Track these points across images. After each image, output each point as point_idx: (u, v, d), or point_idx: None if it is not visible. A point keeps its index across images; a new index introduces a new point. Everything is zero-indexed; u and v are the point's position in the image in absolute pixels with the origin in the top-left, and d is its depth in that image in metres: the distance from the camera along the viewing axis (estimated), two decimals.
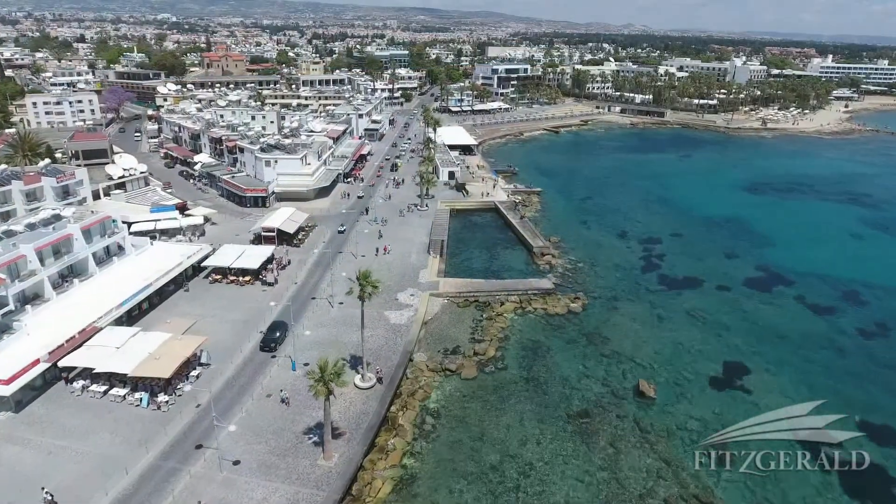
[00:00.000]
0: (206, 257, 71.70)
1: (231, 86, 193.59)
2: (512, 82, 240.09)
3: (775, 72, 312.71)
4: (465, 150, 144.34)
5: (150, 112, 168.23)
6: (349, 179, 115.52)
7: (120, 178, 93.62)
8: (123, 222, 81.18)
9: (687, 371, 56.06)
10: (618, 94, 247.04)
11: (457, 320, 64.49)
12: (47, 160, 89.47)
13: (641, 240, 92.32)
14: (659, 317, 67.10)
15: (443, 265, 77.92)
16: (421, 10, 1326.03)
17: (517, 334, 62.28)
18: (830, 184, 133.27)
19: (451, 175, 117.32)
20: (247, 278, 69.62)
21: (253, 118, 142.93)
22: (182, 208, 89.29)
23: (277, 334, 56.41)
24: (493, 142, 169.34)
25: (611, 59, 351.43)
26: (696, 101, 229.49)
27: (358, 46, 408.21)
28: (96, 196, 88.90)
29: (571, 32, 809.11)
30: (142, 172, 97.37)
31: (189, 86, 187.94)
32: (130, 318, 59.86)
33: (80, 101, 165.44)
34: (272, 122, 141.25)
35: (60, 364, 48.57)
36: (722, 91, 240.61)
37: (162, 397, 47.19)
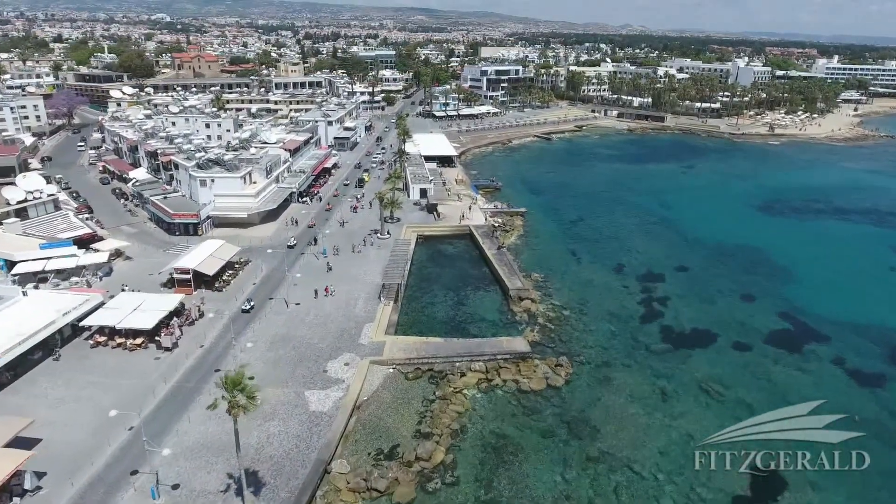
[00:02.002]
0: (93, 311, 56.96)
1: (194, 88, 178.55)
2: (502, 85, 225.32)
3: (779, 73, 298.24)
4: (445, 161, 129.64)
5: (101, 118, 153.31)
6: (305, 199, 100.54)
7: (20, 202, 78.72)
8: (8, 261, 67.18)
9: (704, 487, 41.32)
10: (615, 97, 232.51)
11: (401, 401, 49.69)
12: None
13: (640, 276, 77.56)
14: (663, 392, 52.32)
15: (395, 316, 63.08)
16: (418, 11, 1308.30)
17: (478, 424, 47.46)
18: (853, 201, 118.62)
19: (423, 193, 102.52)
20: (138, 341, 54.75)
21: (207, 126, 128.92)
22: (88, 240, 74.45)
23: None
24: (477, 150, 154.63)
25: (608, 59, 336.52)
26: (697, 104, 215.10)
27: (344, 47, 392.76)
28: None
29: (569, 33, 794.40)
30: (50, 195, 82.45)
31: (147, 89, 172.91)
32: None
33: (23, 107, 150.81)
34: (228, 130, 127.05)
35: None
36: (725, 94, 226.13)
37: None
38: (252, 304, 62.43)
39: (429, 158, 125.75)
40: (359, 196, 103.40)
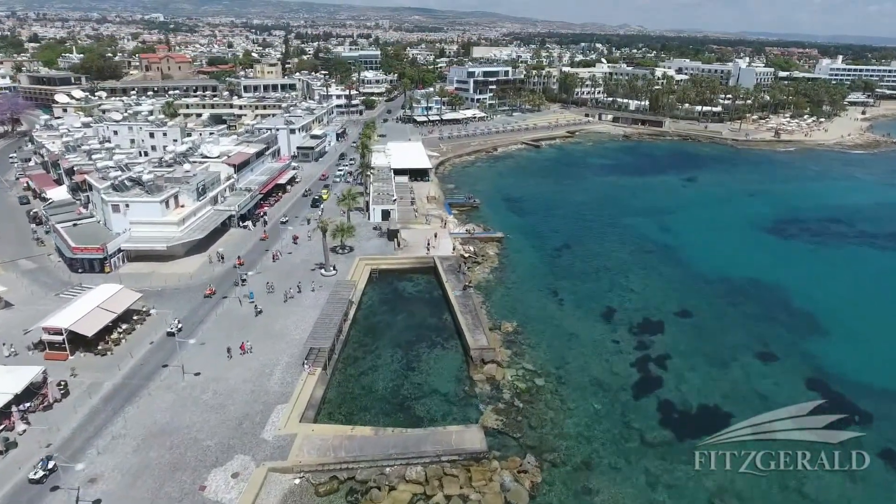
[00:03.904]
0: None
1: (150, 92, 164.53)
2: (490, 87, 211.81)
3: (783, 74, 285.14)
4: (419, 174, 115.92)
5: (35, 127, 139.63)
6: (246, 223, 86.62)
7: None
8: None
9: None
10: (610, 99, 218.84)
11: None
12: None
13: (635, 325, 63.92)
14: None
15: (321, 390, 49.40)
16: (416, 10, 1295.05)
17: None
18: (875, 220, 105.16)
19: (386, 215, 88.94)
20: None
21: (152, 136, 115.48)
22: None
23: None
24: (458, 160, 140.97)
25: (603, 60, 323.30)
26: (697, 107, 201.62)
27: (329, 47, 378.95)
28: None
29: (566, 32, 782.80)
30: None
31: (100, 92, 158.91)
32: None
33: None
34: (175, 139, 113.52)
35: None
36: (727, 96, 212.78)
37: None
38: (52, 464, 37.84)
39: (400, 171, 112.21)
40: (315, 217, 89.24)
